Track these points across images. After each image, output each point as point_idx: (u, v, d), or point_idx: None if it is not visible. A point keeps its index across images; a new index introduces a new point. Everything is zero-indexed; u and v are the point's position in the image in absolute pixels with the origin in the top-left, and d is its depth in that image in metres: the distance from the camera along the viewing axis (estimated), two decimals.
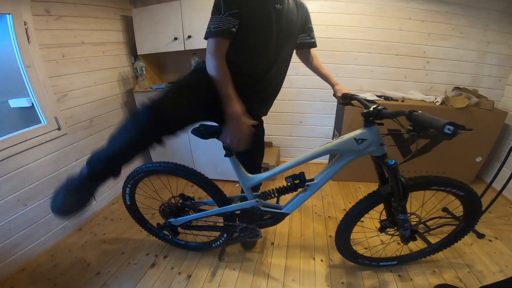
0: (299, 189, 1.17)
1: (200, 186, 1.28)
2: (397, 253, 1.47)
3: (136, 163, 1.17)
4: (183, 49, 2.10)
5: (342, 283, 1.37)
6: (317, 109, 2.51)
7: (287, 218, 1.30)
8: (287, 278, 1.41)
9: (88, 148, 1.89)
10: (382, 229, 1.25)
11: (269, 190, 1.22)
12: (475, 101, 2.02)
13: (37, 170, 1.55)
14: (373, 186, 1.21)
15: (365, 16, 2.18)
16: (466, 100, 1.96)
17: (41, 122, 1.58)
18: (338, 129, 2.35)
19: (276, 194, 1.20)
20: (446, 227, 1.63)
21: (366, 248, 1.53)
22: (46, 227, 1.62)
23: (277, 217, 1.29)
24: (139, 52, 2.20)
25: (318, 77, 1.40)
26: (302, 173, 1.13)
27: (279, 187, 1.20)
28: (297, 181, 1.13)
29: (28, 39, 1.49)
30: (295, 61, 2.60)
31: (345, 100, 1.23)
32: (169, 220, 1.40)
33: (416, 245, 1.45)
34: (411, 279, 1.38)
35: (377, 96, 2.17)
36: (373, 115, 0.95)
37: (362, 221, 1.27)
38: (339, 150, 1.06)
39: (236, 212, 1.33)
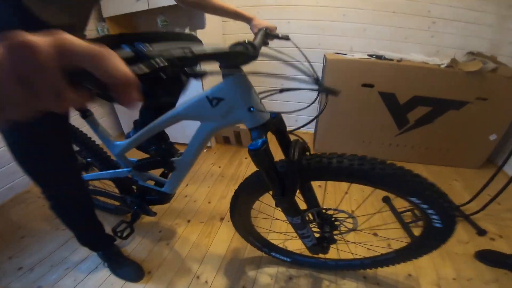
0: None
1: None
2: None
3: None
4: (147, 8, 1.86)
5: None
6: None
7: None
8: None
9: None
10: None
11: (146, 159, 0.91)
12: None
13: None
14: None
15: None
16: (479, 64, 1.55)
17: None
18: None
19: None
20: None
21: None
22: None
23: (162, 196, 0.99)
24: (104, 15, 2.04)
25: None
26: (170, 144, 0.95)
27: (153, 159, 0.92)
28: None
29: None
30: None
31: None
32: None
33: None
34: (378, 283, 1.04)
35: (368, 55, 1.79)
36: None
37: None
38: (192, 116, 0.69)
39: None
